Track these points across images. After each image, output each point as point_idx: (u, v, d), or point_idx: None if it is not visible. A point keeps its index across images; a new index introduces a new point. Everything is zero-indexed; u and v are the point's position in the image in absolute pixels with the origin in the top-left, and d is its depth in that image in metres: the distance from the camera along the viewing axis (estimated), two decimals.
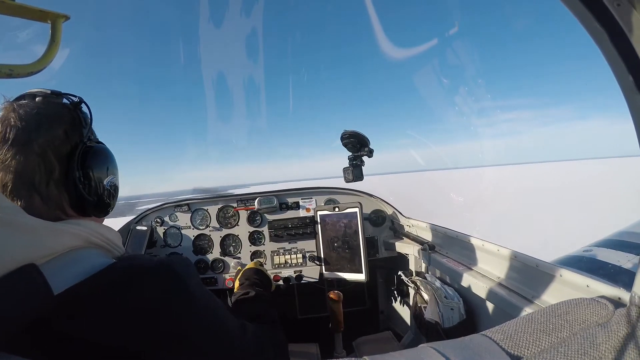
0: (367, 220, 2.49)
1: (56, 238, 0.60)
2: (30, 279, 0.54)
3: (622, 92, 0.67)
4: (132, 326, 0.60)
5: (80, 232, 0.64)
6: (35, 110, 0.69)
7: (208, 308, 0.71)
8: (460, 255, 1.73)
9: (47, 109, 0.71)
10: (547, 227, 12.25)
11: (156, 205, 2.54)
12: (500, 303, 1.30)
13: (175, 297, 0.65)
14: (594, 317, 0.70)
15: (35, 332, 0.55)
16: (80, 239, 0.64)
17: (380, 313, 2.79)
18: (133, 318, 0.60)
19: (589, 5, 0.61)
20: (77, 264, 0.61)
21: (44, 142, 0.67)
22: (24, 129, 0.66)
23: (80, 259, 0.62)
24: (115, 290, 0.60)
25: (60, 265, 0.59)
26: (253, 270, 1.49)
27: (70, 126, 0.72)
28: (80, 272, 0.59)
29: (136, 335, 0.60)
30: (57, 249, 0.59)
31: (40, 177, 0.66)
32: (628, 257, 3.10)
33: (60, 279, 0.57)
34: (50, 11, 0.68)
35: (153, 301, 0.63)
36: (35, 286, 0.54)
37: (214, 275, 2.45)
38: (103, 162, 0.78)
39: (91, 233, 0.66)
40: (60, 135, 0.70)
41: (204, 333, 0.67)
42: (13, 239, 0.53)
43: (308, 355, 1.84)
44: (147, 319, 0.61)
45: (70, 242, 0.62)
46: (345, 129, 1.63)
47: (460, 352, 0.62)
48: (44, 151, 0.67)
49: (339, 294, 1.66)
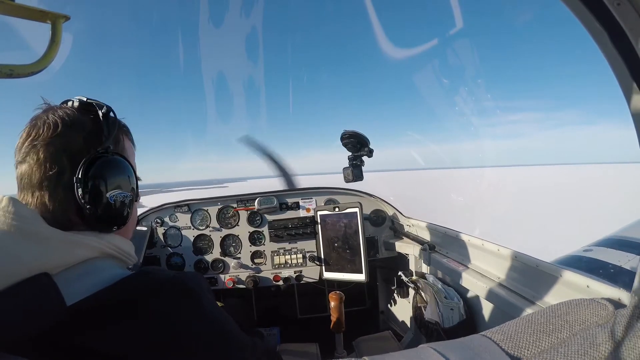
0: (367, 220, 2.49)
1: (71, 249, 0.60)
2: (43, 289, 0.54)
3: (622, 92, 0.67)
4: (145, 340, 0.60)
5: (95, 244, 0.65)
6: (63, 115, 0.71)
7: (220, 323, 0.71)
8: (460, 255, 1.73)
9: (74, 115, 0.73)
10: (549, 229, 12.24)
11: (156, 206, 2.54)
12: (500, 303, 1.30)
13: (188, 312, 0.65)
14: (594, 317, 0.70)
15: (44, 342, 0.55)
16: (95, 251, 0.65)
17: (381, 313, 2.79)
18: (146, 331, 0.60)
19: (589, 5, 0.61)
20: (91, 276, 0.61)
21: (60, 144, 0.69)
22: (47, 130, 0.69)
23: (94, 270, 0.63)
24: (128, 304, 0.61)
25: (75, 276, 0.59)
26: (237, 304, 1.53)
27: (90, 134, 0.73)
28: (95, 283, 0.60)
29: (149, 349, 0.60)
30: (72, 260, 0.60)
31: (50, 177, 0.68)
32: (628, 257, 3.10)
33: (74, 290, 0.57)
34: (50, 11, 0.68)
35: (166, 315, 0.63)
36: (47, 296, 0.54)
37: (214, 275, 2.44)
38: (110, 174, 0.73)
39: (105, 244, 0.67)
40: (79, 141, 0.71)
41: (216, 349, 0.67)
42: (28, 248, 0.54)
43: (308, 355, 1.84)
44: (160, 333, 0.61)
45: (85, 253, 0.63)
46: (345, 129, 1.63)
47: (460, 353, 0.62)
48: (58, 153, 0.68)
49: (340, 294, 1.66)
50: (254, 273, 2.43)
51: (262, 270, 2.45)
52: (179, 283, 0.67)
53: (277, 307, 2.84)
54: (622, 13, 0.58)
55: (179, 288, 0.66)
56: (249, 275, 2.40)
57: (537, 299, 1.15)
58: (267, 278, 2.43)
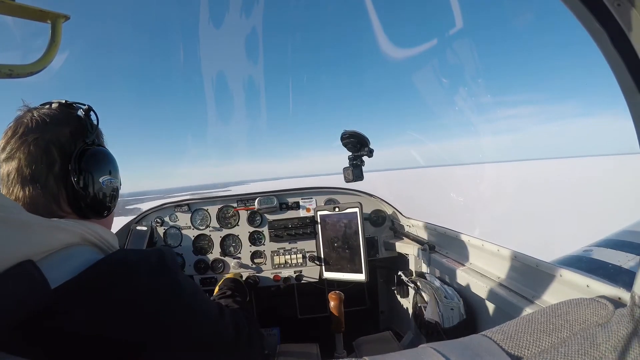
0: (367, 220, 2.49)
1: (51, 234, 0.61)
2: (29, 275, 0.54)
3: (622, 92, 0.67)
4: (127, 317, 0.62)
5: (75, 229, 0.66)
6: (47, 112, 0.76)
7: (192, 293, 0.75)
8: (460, 255, 1.73)
9: (57, 112, 0.78)
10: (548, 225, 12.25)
11: (156, 206, 2.54)
12: (500, 303, 1.30)
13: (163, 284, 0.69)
14: (594, 317, 0.69)
15: (32, 326, 0.55)
16: (76, 236, 0.65)
17: (381, 313, 2.79)
18: (126, 308, 0.62)
19: (589, 5, 0.61)
20: (72, 259, 0.62)
21: (49, 137, 0.73)
22: (34, 126, 0.73)
23: (75, 254, 0.63)
24: (106, 282, 0.62)
25: (56, 261, 0.60)
26: (231, 279, 1.63)
27: (76, 129, 0.78)
28: (75, 266, 0.61)
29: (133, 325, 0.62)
30: (53, 245, 0.61)
31: (41, 169, 0.71)
32: (628, 257, 3.10)
33: (57, 273, 0.58)
34: (50, 11, 0.68)
35: (143, 290, 0.65)
36: (33, 281, 0.55)
37: (214, 275, 2.45)
38: (101, 163, 0.81)
39: (86, 231, 0.68)
40: (66, 134, 0.75)
41: (191, 316, 0.72)
42: (10, 236, 0.54)
43: (308, 355, 1.84)
44: (139, 308, 0.63)
45: (66, 239, 0.63)
46: (345, 129, 1.63)
47: (461, 353, 0.62)
48: (48, 146, 0.72)
49: (339, 294, 1.66)
50: (254, 273, 2.44)
51: (262, 270, 2.45)
52: (154, 257, 0.70)
53: (277, 307, 2.85)
54: (622, 13, 0.58)
55: (154, 263, 0.69)
56: (249, 275, 2.40)
57: (537, 299, 1.15)
58: (267, 278, 2.43)
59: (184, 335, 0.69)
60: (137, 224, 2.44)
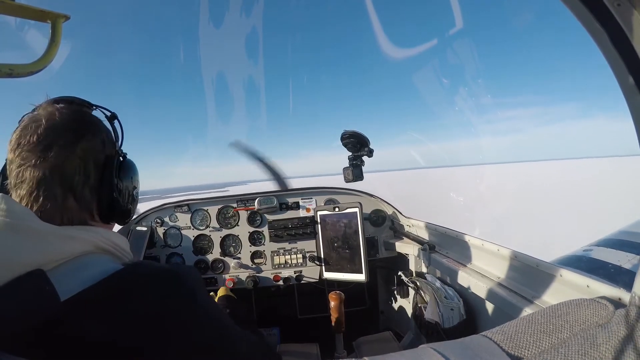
0: (367, 220, 2.48)
1: (65, 243, 0.60)
2: (37, 285, 0.54)
3: (622, 92, 0.67)
4: (138, 330, 0.59)
5: (89, 237, 0.64)
6: (79, 115, 0.73)
7: (212, 314, 0.71)
8: (460, 255, 1.73)
9: (90, 116, 0.76)
10: (548, 225, 12.25)
11: (156, 206, 2.54)
12: (501, 303, 1.30)
13: (179, 301, 0.65)
14: (594, 317, 0.69)
15: (39, 336, 0.54)
16: (89, 245, 0.64)
17: (381, 313, 2.79)
18: (139, 322, 0.60)
19: (589, 5, 0.61)
20: (85, 270, 0.61)
21: (87, 147, 0.70)
22: (69, 130, 0.68)
23: (89, 264, 0.62)
24: (121, 295, 0.60)
25: (69, 271, 0.59)
26: (225, 296, 1.60)
27: (107, 137, 0.77)
28: (89, 277, 0.59)
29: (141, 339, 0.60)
30: (66, 255, 0.59)
31: (78, 179, 0.68)
32: (628, 257, 3.10)
33: (68, 284, 0.57)
34: (50, 11, 0.68)
35: (158, 305, 0.62)
36: (41, 292, 0.54)
37: (214, 275, 2.44)
38: (133, 173, 0.83)
39: (99, 239, 0.66)
40: (99, 143, 0.74)
41: (209, 338, 0.67)
42: (22, 244, 0.54)
43: (308, 355, 1.83)
44: (153, 323, 0.61)
45: (79, 248, 0.62)
46: (345, 129, 1.63)
47: (461, 353, 0.62)
48: (86, 156, 0.70)
49: (340, 295, 1.66)
50: (254, 273, 2.43)
51: (262, 270, 2.45)
52: (171, 273, 0.67)
53: (277, 307, 2.84)
54: (622, 13, 0.58)
55: (171, 278, 0.66)
56: (249, 276, 2.40)
57: (537, 299, 1.15)
58: (267, 278, 2.43)
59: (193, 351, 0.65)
60: (137, 224, 2.44)
